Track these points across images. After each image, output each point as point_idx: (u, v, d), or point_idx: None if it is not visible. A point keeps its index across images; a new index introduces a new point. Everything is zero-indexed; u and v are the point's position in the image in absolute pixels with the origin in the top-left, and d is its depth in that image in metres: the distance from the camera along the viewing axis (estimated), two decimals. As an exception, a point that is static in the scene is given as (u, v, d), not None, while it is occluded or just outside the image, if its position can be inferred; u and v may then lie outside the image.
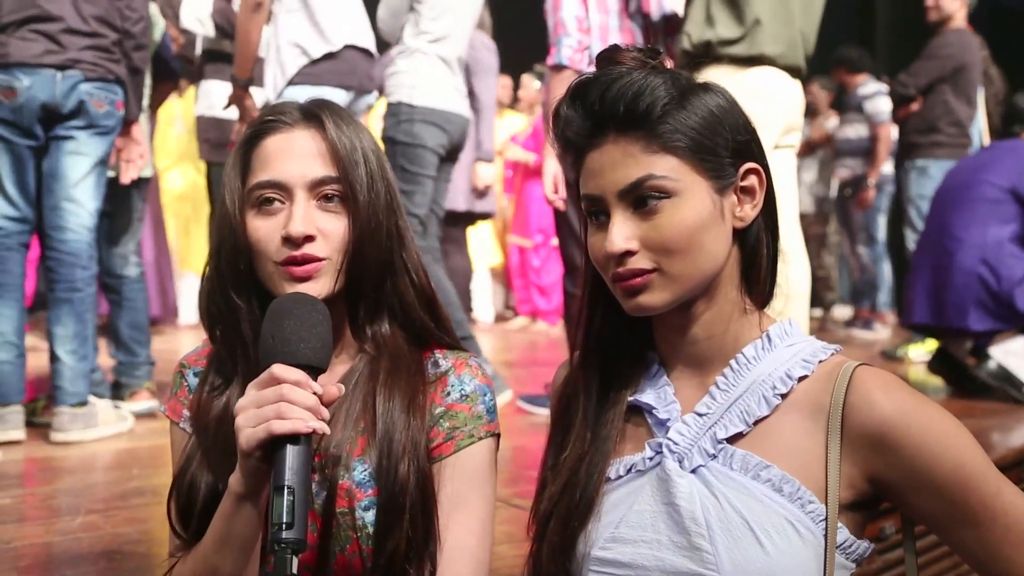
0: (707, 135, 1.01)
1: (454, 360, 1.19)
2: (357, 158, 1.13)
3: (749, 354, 1.06)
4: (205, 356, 1.21)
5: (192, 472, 1.11)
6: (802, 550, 0.97)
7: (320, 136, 1.13)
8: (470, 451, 1.14)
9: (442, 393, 1.16)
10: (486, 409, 1.17)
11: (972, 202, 3.72)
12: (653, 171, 0.99)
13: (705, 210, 1.01)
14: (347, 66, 2.87)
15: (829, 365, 1.04)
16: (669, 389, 1.08)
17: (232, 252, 1.12)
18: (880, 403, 0.99)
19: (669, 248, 1.00)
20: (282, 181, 1.10)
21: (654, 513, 1.02)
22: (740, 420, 1.03)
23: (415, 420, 1.11)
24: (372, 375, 1.14)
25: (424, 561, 1.09)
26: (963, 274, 3.66)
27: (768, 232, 1.07)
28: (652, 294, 1.02)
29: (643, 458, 1.06)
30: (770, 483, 0.99)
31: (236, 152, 1.14)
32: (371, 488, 1.09)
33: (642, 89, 1.00)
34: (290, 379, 0.95)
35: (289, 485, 0.92)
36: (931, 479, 0.98)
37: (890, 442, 0.98)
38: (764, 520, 0.97)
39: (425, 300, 1.19)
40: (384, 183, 1.15)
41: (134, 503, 2.26)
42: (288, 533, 0.90)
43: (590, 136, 1.03)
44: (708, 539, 0.97)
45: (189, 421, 1.17)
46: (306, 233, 1.09)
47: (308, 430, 0.94)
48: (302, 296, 1.04)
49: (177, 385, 1.21)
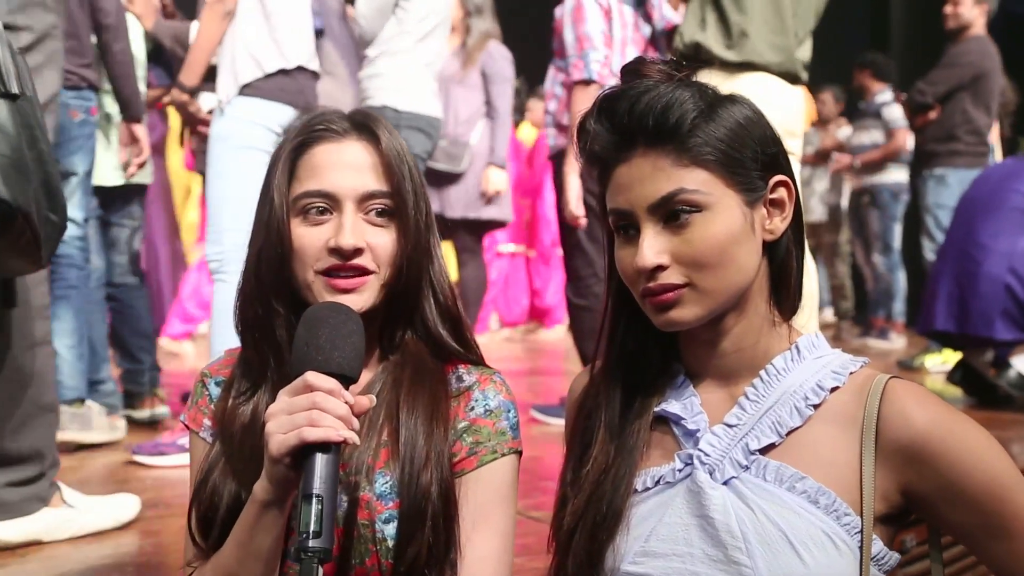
0: (736, 148, 1.00)
1: (479, 375, 1.18)
2: (406, 172, 1.13)
3: (779, 365, 1.05)
4: (227, 366, 1.20)
5: (214, 480, 1.10)
6: (839, 562, 0.96)
7: (373, 149, 1.12)
8: (493, 467, 1.13)
9: (466, 407, 1.15)
10: (510, 426, 1.16)
11: (1000, 211, 3.69)
12: (684, 185, 0.98)
13: (736, 224, 1.00)
14: (296, 85, 2.89)
15: (860, 377, 1.03)
16: (696, 400, 1.07)
17: (275, 258, 1.12)
18: (915, 416, 0.98)
19: (701, 262, 0.99)
20: (332, 192, 1.10)
21: (686, 526, 1.00)
22: (772, 431, 1.01)
23: (438, 430, 1.11)
24: (395, 385, 1.13)
25: (444, 572, 1.08)
26: (990, 283, 3.63)
27: (796, 244, 1.07)
28: (684, 309, 1.01)
29: (672, 469, 1.04)
30: (806, 495, 0.98)
31: (283, 158, 1.13)
32: (392, 501, 1.08)
33: (671, 102, 0.99)
34: (324, 387, 0.95)
35: (318, 493, 0.91)
36: (965, 491, 0.97)
37: (925, 455, 0.98)
38: (801, 532, 0.96)
39: (450, 318, 1.18)
40: (424, 199, 1.16)
41: (147, 515, 2.25)
42: (315, 542, 0.89)
43: (618, 150, 1.02)
44: (746, 552, 0.96)
45: (210, 430, 1.17)
46: (356, 246, 1.09)
47: (340, 439, 0.93)
48: (338, 305, 1.04)
49: (198, 395, 1.20)
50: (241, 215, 2.78)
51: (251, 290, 1.14)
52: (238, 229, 2.80)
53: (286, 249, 1.11)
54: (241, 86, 2.83)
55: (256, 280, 1.14)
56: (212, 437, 1.16)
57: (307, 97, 2.94)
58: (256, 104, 2.84)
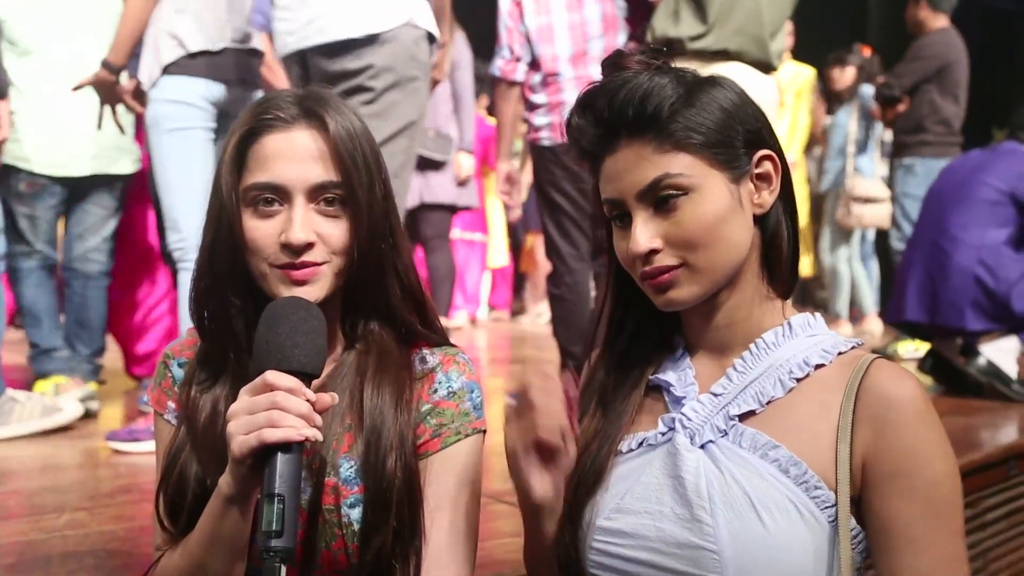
0: (718, 128, 1.04)
1: (442, 356, 1.18)
2: (358, 159, 1.10)
3: (769, 339, 1.08)
4: (189, 347, 1.20)
5: (181, 464, 1.10)
6: (804, 532, 0.98)
7: (322, 137, 1.10)
8: (457, 448, 1.14)
9: (429, 390, 1.15)
10: (473, 406, 1.16)
11: (970, 203, 3.72)
12: (668, 170, 1.02)
13: (723, 201, 1.03)
14: (228, 61, 2.85)
15: (848, 356, 1.06)
16: (690, 371, 1.11)
17: (227, 251, 1.10)
18: (893, 388, 1.01)
19: (692, 243, 1.03)
20: (281, 184, 1.08)
21: (660, 485, 1.04)
22: (754, 399, 1.05)
23: (402, 415, 1.11)
24: (359, 371, 1.13)
25: (410, 556, 1.09)
26: (960, 274, 3.66)
27: (787, 216, 1.10)
28: (681, 289, 1.05)
29: (656, 433, 1.08)
30: (777, 463, 1.01)
31: (232, 147, 1.11)
32: (357, 485, 1.08)
33: (648, 91, 1.03)
34: (283, 386, 0.95)
35: (279, 493, 0.91)
36: (910, 480, 0.98)
37: (894, 425, 0.99)
38: (766, 497, 0.98)
39: (414, 301, 1.18)
40: (381, 181, 1.13)
41: (120, 500, 2.25)
42: (277, 541, 0.90)
43: (603, 143, 1.06)
44: (709, 512, 0.99)
45: (174, 413, 1.16)
46: (307, 240, 1.07)
47: (300, 438, 0.93)
48: (297, 300, 1.03)
49: (161, 376, 1.20)
50: (191, 197, 2.76)
51: (205, 282, 1.13)
52: (192, 212, 2.77)
53: (238, 241, 1.09)
54: (164, 66, 2.78)
55: (210, 272, 1.13)
56: (176, 420, 1.16)
57: (243, 75, 2.89)
58: (181, 82, 2.78)
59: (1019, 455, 2.77)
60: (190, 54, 2.78)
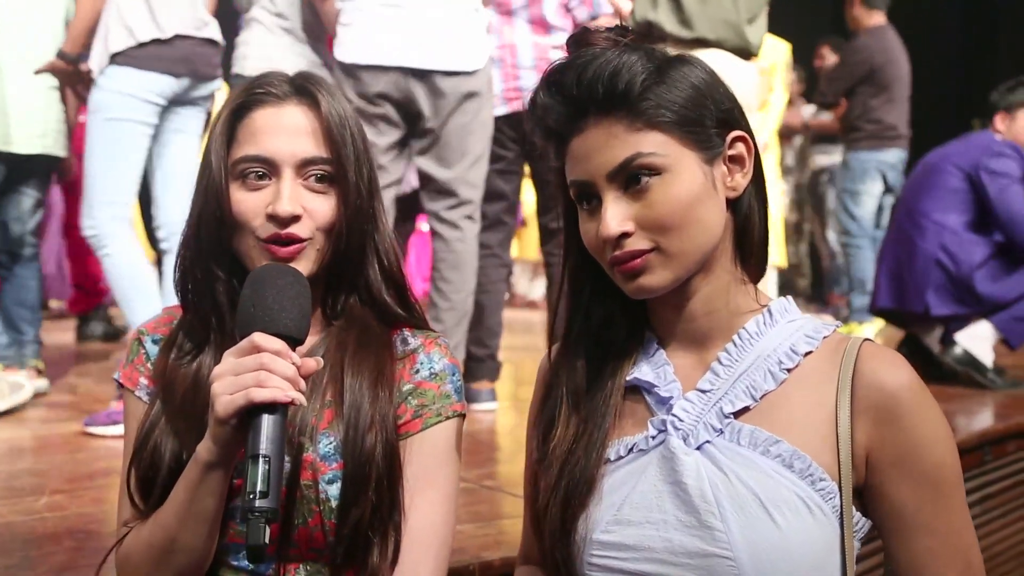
0: (690, 107, 0.99)
1: (423, 339, 1.19)
2: (347, 137, 1.11)
3: (752, 329, 1.04)
4: (164, 323, 1.20)
5: (155, 439, 1.09)
6: (814, 528, 0.96)
7: (313, 114, 1.11)
8: (437, 429, 1.14)
9: (411, 370, 1.16)
10: (454, 389, 1.17)
11: (936, 188, 3.78)
12: (640, 149, 0.98)
13: (697, 183, 0.99)
14: (178, 53, 2.85)
15: (833, 341, 1.04)
16: (669, 368, 1.06)
17: (214, 222, 1.11)
18: (890, 376, 0.99)
19: (665, 225, 0.98)
20: (270, 157, 1.09)
21: (659, 493, 0.99)
22: (746, 395, 1.01)
23: (383, 392, 1.11)
24: (340, 347, 1.14)
25: (388, 532, 1.09)
26: (924, 259, 3.72)
27: (759, 201, 1.06)
28: (653, 275, 1.00)
29: (645, 437, 1.03)
30: (780, 459, 0.97)
31: (222, 121, 1.12)
32: (335, 461, 1.08)
33: (618, 68, 0.98)
34: (271, 348, 0.95)
35: (265, 454, 0.92)
36: (916, 465, 0.98)
37: (895, 416, 0.98)
38: (775, 496, 0.95)
39: (394, 283, 1.18)
40: (368, 163, 1.14)
41: (99, 483, 2.24)
42: (263, 502, 0.90)
43: (571, 121, 1.01)
44: (719, 517, 0.95)
45: (146, 389, 1.16)
46: (293, 213, 1.08)
47: (287, 400, 0.94)
48: (283, 267, 1.04)
49: (134, 352, 1.19)
50: (111, 188, 2.80)
51: (191, 254, 1.14)
52: (110, 202, 2.81)
53: (225, 214, 1.10)
54: (112, 55, 2.78)
55: (196, 244, 1.13)
56: (149, 396, 1.15)
57: (195, 66, 2.89)
58: (128, 74, 2.79)
59: (993, 441, 2.81)
60: (140, 43, 2.78)
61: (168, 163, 3.03)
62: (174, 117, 2.99)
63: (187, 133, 3.05)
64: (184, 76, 2.87)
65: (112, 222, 2.83)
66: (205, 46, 2.94)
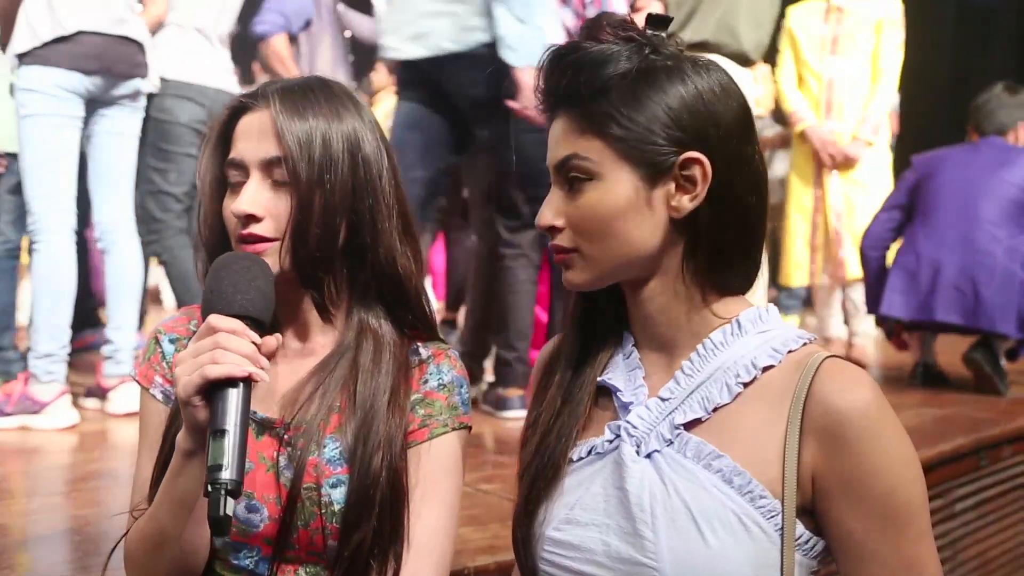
0: (642, 121, 0.97)
1: (434, 350, 1.19)
2: (307, 138, 1.11)
3: (716, 339, 1.02)
4: (182, 324, 1.21)
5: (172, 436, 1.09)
6: (748, 545, 0.94)
7: (269, 116, 1.12)
8: (443, 440, 1.15)
9: (420, 380, 1.17)
10: (461, 401, 1.18)
11: (1000, 200, 3.59)
12: (576, 151, 0.99)
13: (624, 197, 0.98)
14: (85, 49, 2.85)
15: (799, 355, 1.00)
16: (639, 372, 1.06)
17: (208, 229, 1.16)
18: (843, 396, 0.95)
19: (584, 230, 1.00)
20: (240, 160, 1.12)
21: (607, 497, 1.00)
22: (700, 406, 1.00)
23: (394, 417, 1.11)
24: (353, 358, 1.14)
25: (389, 557, 1.09)
26: (1006, 277, 3.50)
27: (715, 227, 1.00)
28: (575, 273, 1.03)
29: (603, 441, 1.04)
30: (720, 473, 0.96)
31: (216, 128, 1.16)
32: (340, 466, 1.09)
33: (590, 64, 0.98)
34: (225, 328, 0.96)
35: (224, 428, 0.92)
36: (865, 493, 0.94)
37: (844, 437, 0.94)
38: (709, 511, 0.94)
39: (396, 294, 1.17)
40: (351, 166, 1.13)
41: (95, 485, 2.24)
42: (223, 474, 0.90)
43: (548, 108, 1.04)
44: (651, 526, 0.95)
45: (161, 388, 1.17)
46: (247, 212, 1.09)
47: (243, 374, 0.94)
48: (241, 253, 1.07)
49: (151, 351, 1.20)
50: (41, 182, 2.83)
51: (202, 254, 1.18)
52: (40, 196, 2.84)
53: (211, 220, 1.15)
54: (18, 55, 2.80)
55: (207, 249, 1.17)
56: (163, 395, 1.17)
57: (107, 63, 2.90)
58: (35, 72, 2.82)
59: (989, 446, 2.81)
60: (44, 43, 2.79)
61: (103, 165, 3.06)
62: (103, 120, 3.02)
63: (122, 135, 3.08)
64: (95, 73, 2.88)
65: (50, 216, 2.86)
66: (121, 43, 2.94)
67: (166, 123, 3.24)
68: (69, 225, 2.90)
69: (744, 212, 1.02)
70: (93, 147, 3.04)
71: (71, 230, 2.91)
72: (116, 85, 2.98)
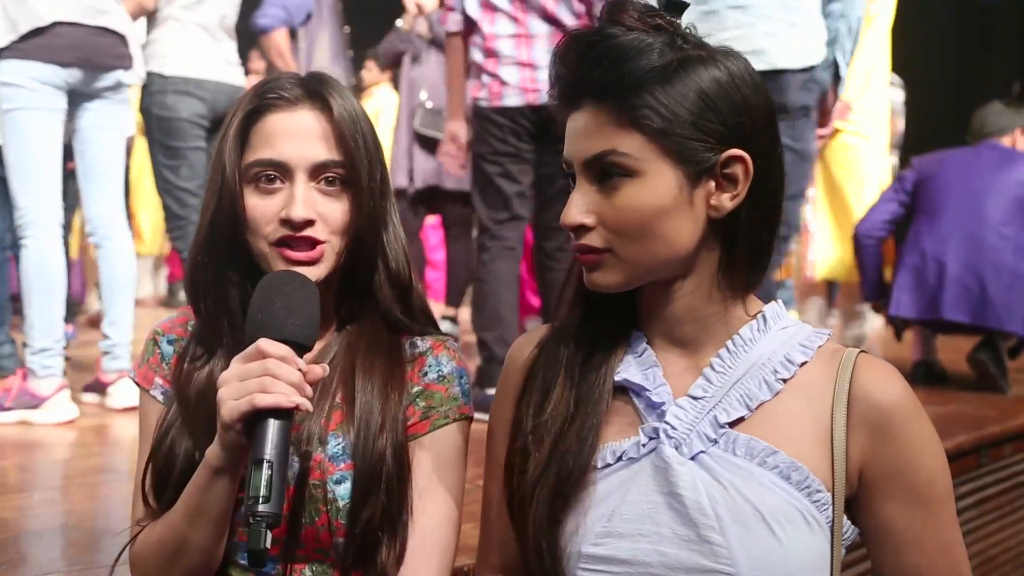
0: (684, 115, 0.94)
1: (432, 342, 1.19)
2: (359, 141, 1.12)
3: (746, 335, 1.01)
4: (180, 324, 1.20)
5: (171, 440, 1.10)
6: (811, 540, 0.94)
7: (325, 117, 1.11)
8: (444, 432, 1.15)
9: (419, 372, 1.16)
10: (462, 392, 1.17)
11: (1006, 200, 3.59)
12: (616, 147, 0.94)
13: (667, 196, 0.95)
14: (63, 42, 2.85)
15: (827, 351, 1.01)
16: (658, 370, 1.01)
17: (228, 227, 1.11)
18: (885, 391, 0.98)
19: (623, 230, 0.95)
20: (283, 161, 1.09)
21: (652, 504, 0.95)
22: (741, 404, 0.98)
23: (394, 395, 1.12)
24: (350, 350, 1.14)
25: (397, 530, 1.09)
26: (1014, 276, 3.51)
27: (753, 226, 0.99)
28: (605, 274, 0.98)
29: (636, 444, 0.99)
30: (777, 470, 0.95)
31: (235, 125, 1.12)
32: (344, 462, 1.09)
33: (625, 55, 0.93)
34: (276, 354, 0.95)
35: (268, 459, 0.92)
36: (909, 481, 0.97)
37: (889, 430, 0.97)
38: (775, 510, 0.93)
39: (399, 286, 1.18)
40: (380, 164, 1.15)
41: (96, 480, 2.23)
42: (264, 507, 0.90)
43: (569, 97, 0.98)
44: (719, 531, 0.92)
45: (161, 389, 1.17)
46: (307, 218, 1.08)
47: (291, 405, 0.94)
48: (293, 273, 1.05)
49: (149, 352, 1.20)
50: (26, 177, 2.84)
51: (203, 258, 1.14)
52: (25, 192, 2.85)
53: (239, 218, 1.10)
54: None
55: (208, 248, 1.13)
56: (163, 396, 1.16)
57: (86, 55, 2.89)
58: (14, 66, 2.81)
59: (990, 444, 2.81)
60: (21, 36, 2.79)
61: (90, 160, 3.05)
62: (88, 113, 3.01)
63: (108, 129, 3.07)
64: (73, 66, 2.87)
65: (36, 210, 2.86)
66: (100, 35, 2.92)
67: (169, 119, 3.24)
68: (55, 219, 2.90)
69: (775, 210, 1.01)
70: (79, 142, 3.04)
71: (58, 224, 2.91)
72: (97, 78, 2.97)
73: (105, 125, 3.06)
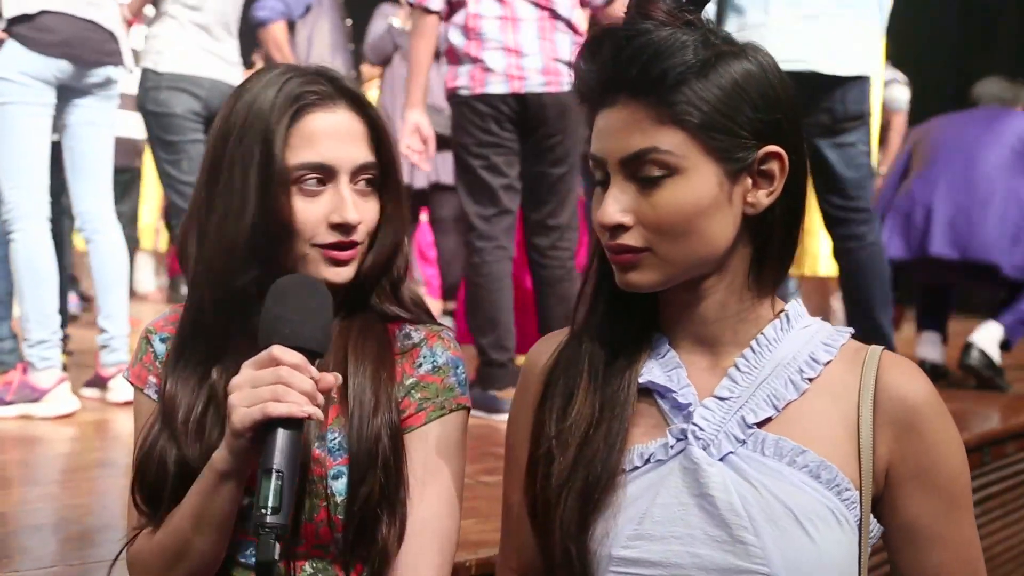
0: (724, 111, 0.93)
1: (426, 332, 1.17)
2: (390, 141, 1.13)
3: (770, 335, 1.00)
4: (172, 322, 1.18)
5: (161, 446, 1.08)
6: (842, 537, 0.94)
7: (361, 117, 1.11)
8: (440, 423, 1.13)
9: (413, 364, 1.15)
10: (458, 382, 1.16)
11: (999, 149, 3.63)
12: (658, 144, 0.92)
13: (708, 193, 0.94)
14: (51, 35, 2.84)
15: (850, 349, 1.01)
16: (682, 371, 1.01)
17: (277, 232, 1.07)
18: (911, 389, 0.98)
19: (663, 229, 0.94)
20: (330, 164, 1.08)
21: (683, 505, 0.95)
22: (768, 404, 0.97)
23: (385, 380, 1.10)
24: (341, 337, 1.12)
25: (396, 508, 1.08)
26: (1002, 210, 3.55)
27: (789, 222, 0.99)
28: (643, 273, 0.97)
29: (663, 446, 0.98)
30: (807, 469, 0.94)
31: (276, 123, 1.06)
32: (341, 456, 1.08)
33: (661, 50, 0.92)
34: (289, 362, 0.94)
35: (279, 469, 0.90)
36: (933, 479, 0.98)
37: (916, 427, 0.97)
38: (807, 508, 0.93)
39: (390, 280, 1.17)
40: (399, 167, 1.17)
41: (95, 475, 2.23)
42: (274, 518, 0.89)
43: (602, 94, 0.96)
44: (752, 531, 0.91)
45: (155, 387, 1.15)
46: (359, 220, 1.09)
47: (304, 415, 0.93)
48: (308, 280, 1.03)
49: (142, 351, 1.18)
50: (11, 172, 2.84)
51: (219, 259, 1.08)
52: (14, 186, 2.85)
53: (284, 222, 1.07)
54: None
55: (228, 249, 1.07)
56: (157, 394, 1.13)
57: (75, 49, 2.88)
58: (3, 59, 2.81)
59: (993, 442, 2.81)
60: (7, 27, 2.78)
61: (80, 156, 3.05)
62: (77, 110, 3.01)
63: (97, 125, 3.07)
64: (61, 58, 2.85)
65: (24, 204, 2.86)
66: (91, 30, 2.92)
67: (164, 115, 3.23)
68: (43, 213, 2.90)
69: (803, 206, 1.01)
70: (69, 138, 3.04)
71: (46, 217, 2.91)
72: (87, 73, 2.96)
73: (93, 121, 3.06)
